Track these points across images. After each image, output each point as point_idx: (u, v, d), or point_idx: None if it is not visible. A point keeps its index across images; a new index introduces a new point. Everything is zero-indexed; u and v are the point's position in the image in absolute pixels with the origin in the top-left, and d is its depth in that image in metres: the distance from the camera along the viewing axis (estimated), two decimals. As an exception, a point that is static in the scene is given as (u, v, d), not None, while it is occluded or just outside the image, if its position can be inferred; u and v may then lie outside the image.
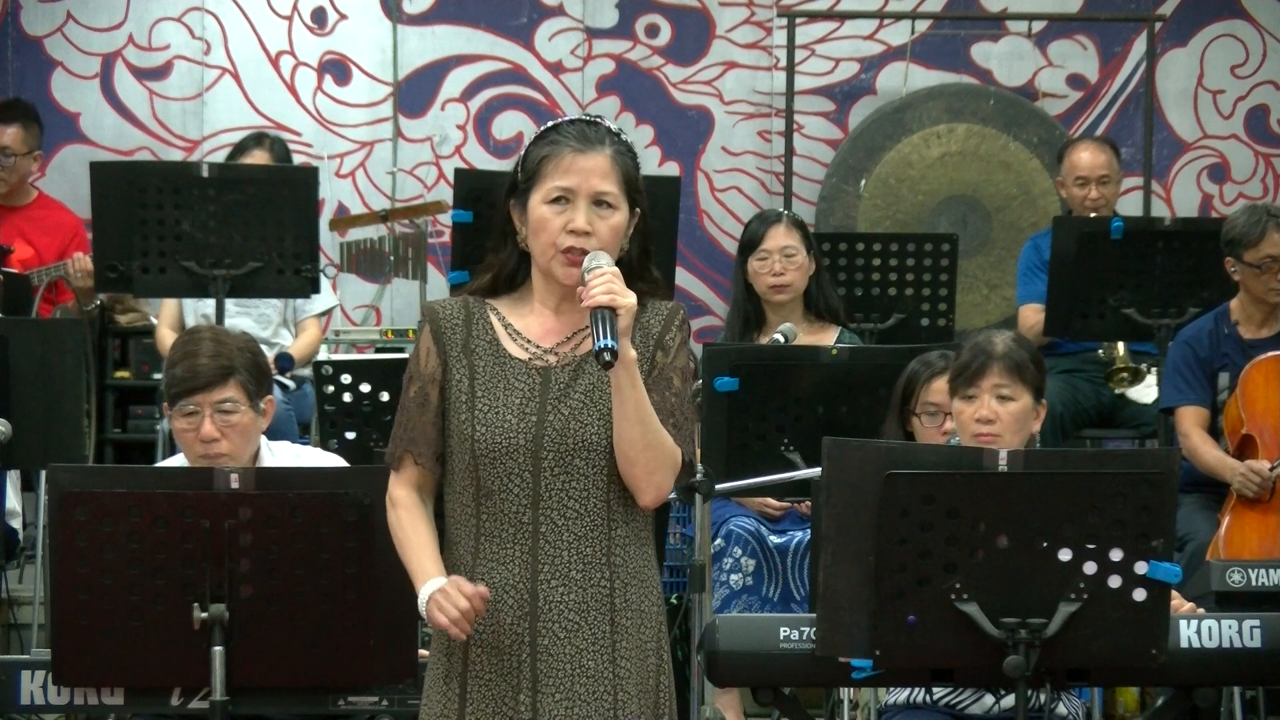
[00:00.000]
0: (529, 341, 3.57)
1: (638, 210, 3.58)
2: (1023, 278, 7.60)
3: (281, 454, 4.72)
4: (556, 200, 3.53)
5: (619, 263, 3.56)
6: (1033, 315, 7.21)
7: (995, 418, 4.58)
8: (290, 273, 6.41)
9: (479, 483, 3.52)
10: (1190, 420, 6.37)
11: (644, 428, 3.44)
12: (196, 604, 3.89)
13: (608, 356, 3.36)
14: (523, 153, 3.65)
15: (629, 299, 3.42)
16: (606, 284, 3.41)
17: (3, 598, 6.57)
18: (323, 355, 7.10)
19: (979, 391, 4.60)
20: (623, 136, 3.60)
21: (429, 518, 3.59)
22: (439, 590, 3.46)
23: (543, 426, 3.50)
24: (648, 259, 3.61)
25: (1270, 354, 6.25)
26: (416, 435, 3.55)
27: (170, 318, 7.25)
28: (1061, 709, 4.48)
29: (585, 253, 3.50)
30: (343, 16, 8.89)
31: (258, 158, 7.34)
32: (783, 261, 6.31)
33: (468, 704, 3.52)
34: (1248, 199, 8.67)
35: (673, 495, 3.70)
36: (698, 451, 3.65)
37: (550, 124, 3.63)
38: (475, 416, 3.51)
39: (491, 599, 3.50)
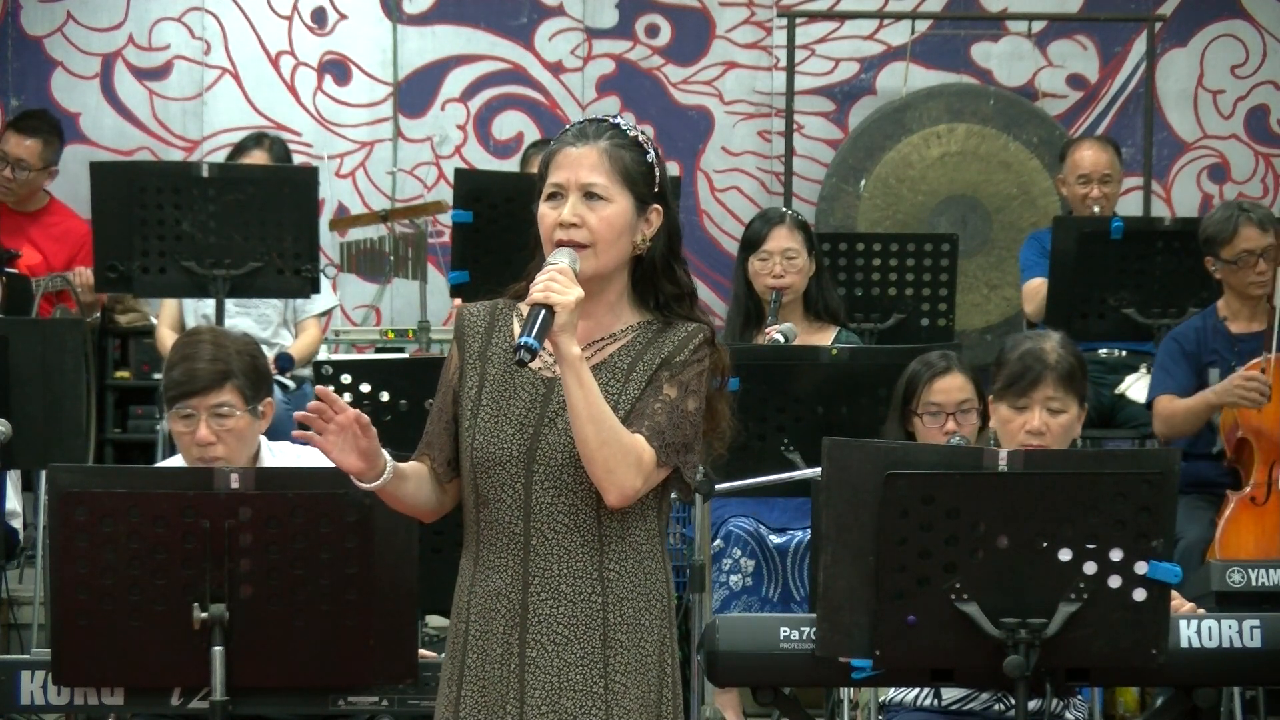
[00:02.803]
0: (543, 349, 3.56)
1: (656, 208, 3.56)
2: (1026, 263, 7.59)
3: (282, 454, 4.72)
4: (551, 197, 3.53)
5: (641, 261, 3.55)
6: (1041, 287, 7.16)
7: (1046, 430, 4.55)
8: (290, 273, 6.41)
9: (478, 491, 3.52)
10: (1164, 401, 6.35)
11: (597, 426, 3.41)
12: (196, 604, 3.89)
13: (524, 355, 3.36)
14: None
15: (567, 297, 3.38)
16: (546, 281, 3.40)
17: (3, 598, 6.57)
18: (323, 355, 7.11)
19: (1030, 403, 4.56)
20: (629, 132, 3.56)
21: (424, 476, 3.56)
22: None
23: (538, 439, 3.49)
24: (674, 260, 3.58)
25: (1265, 357, 6.25)
26: (432, 440, 3.58)
27: (170, 318, 7.25)
28: (1069, 715, 4.47)
29: (580, 244, 3.49)
30: (343, 16, 8.89)
31: (257, 158, 7.34)
32: (783, 263, 6.30)
33: (462, 708, 3.52)
34: (1248, 199, 8.67)
35: (672, 495, 3.67)
36: (698, 462, 3.60)
37: (566, 127, 3.62)
38: (476, 425, 3.52)
39: (485, 607, 3.51)
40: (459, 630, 3.55)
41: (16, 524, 6.17)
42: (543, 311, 3.38)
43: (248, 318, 7.14)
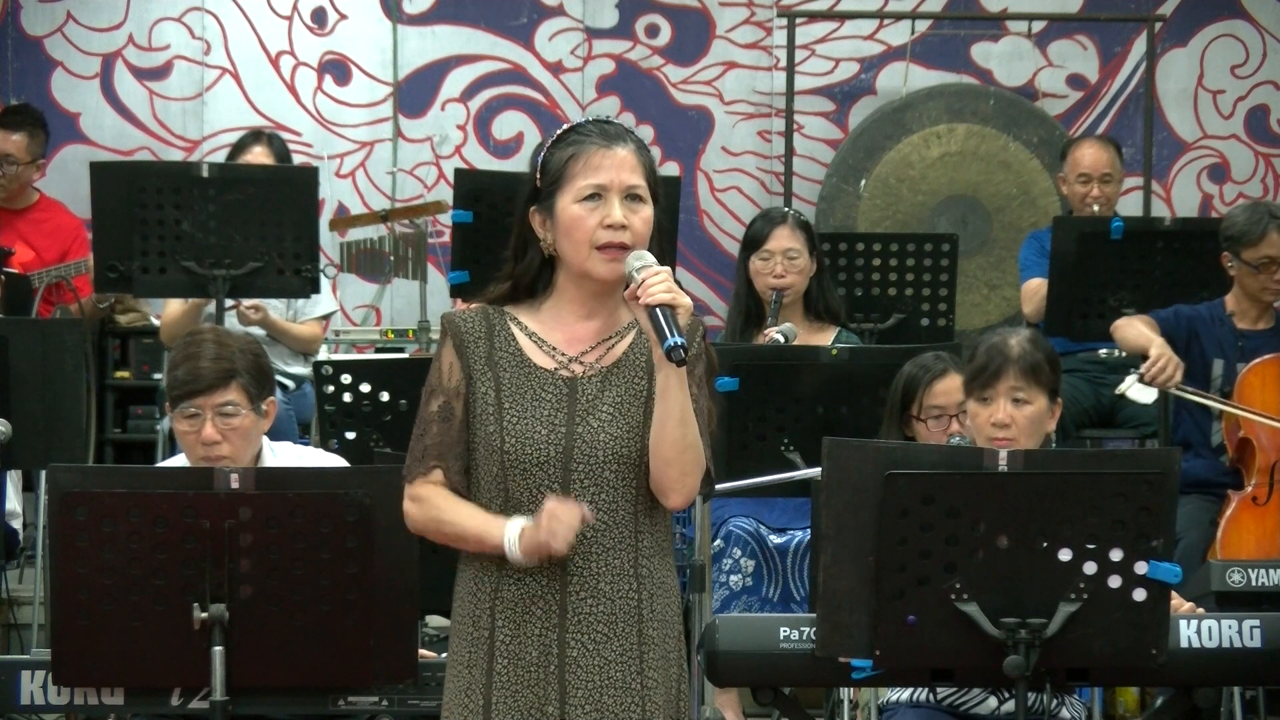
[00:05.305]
0: (554, 349, 3.55)
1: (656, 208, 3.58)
2: (1025, 263, 7.59)
3: (283, 454, 4.72)
4: (588, 198, 3.51)
5: None
6: (1040, 287, 7.17)
7: (1011, 422, 4.56)
8: (290, 273, 6.41)
9: (507, 494, 3.51)
10: (1142, 317, 6.41)
11: (685, 429, 3.45)
12: (196, 604, 3.89)
13: (682, 354, 3.36)
14: (540, 158, 3.58)
15: (687, 298, 3.43)
16: (666, 282, 3.41)
17: (3, 598, 6.57)
18: (323, 355, 7.10)
19: (995, 395, 4.58)
20: (635, 135, 3.60)
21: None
22: (541, 516, 3.42)
23: (572, 438, 3.49)
24: (666, 259, 3.58)
25: (1267, 357, 6.25)
26: (445, 450, 3.54)
27: (176, 301, 7.17)
28: (1065, 712, 4.48)
29: (624, 247, 3.48)
30: (343, 16, 8.89)
31: (258, 155, 7.34)
32: (785, 263, 6.30)
33: (492, 714, 3.50)
34: (1248, 199, 8.67)
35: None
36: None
37: (567, 127, 3.59)
38: (504, 428, 3.50)
39: (517, 610, 3.51)
40: (479, 638, 3.53)
41: (16, 524, 6.17)
42: (669, 310, 3.39)
43: (248, 318, 7.13)
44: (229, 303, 6.55)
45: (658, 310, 3.39)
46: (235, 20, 8.84)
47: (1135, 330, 6.36)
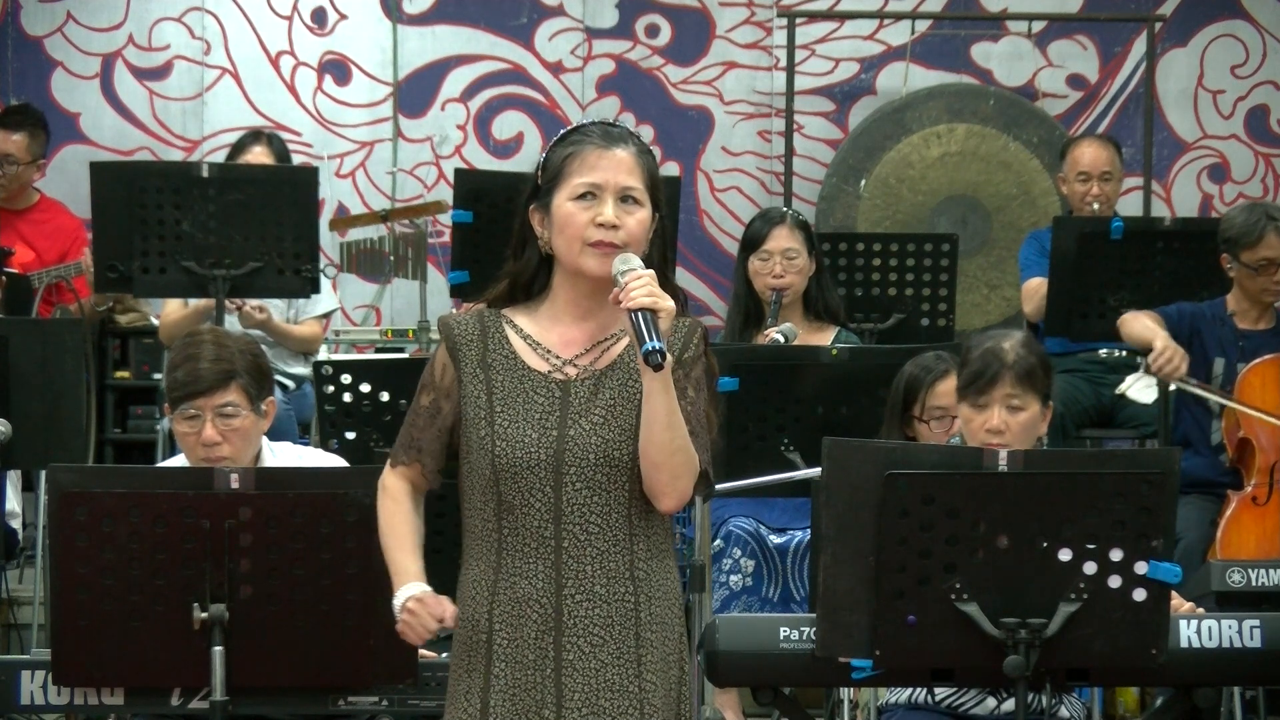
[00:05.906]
0: (548, 352, 3.56)
1: (656, 215, 3.57)
2: (1026, 262, 7.59)
3: (283, 454, 4.72)
4: (583, 196, 3.51)
5: None
6: (1040, 287, 7.17)
7: (1005, 428, 4.56)
8: (290, 273, 6.41)
9: (500, 497, 3.51)
10: (1147, 313, 6.42)
11: (673, 432, 3.44)
12: (196, 604, 3.89)
13: (659, 359, 3.35)
14: (543, 156, 3.60)
15: (669, 301, 3.41)
16: (648, 286, 3.40)
17: (3, 598, 6.57)
18: (323, 355, 7.10)
19: (990, 401, 4.57)
20: (642, 139, 3.60)
21: (417, 513, 3.60)
22: (415, 600, 3.50)
23: (564, 441, 3.49)
24: (666, 265, 3.58)
25: (1267, 357, 6.25)
26: (425, 445, 3.57)
27: (176, 302, 7.18)
28: (1064, 712, 4.48)
29: (614, 246, 3.49)
30: (343, 16, 8.89)
31: (258, 154, 7.34)
32: (784, 263, 6.30)
33: (490, 717, 3.50)
34: (1248, 199, 8.67)
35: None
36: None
37: (571, 127, 3.61)
38: (495, 431, 3.51)
39: (513, 614, 3.51)
40: (477, 641, 3.53)
41: (16, 524, 6.17)
42: (649, 315, 3.38)
43: (248, 318, 7.13)
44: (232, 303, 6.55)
45: (637, 314, 3.38)
46: (235, 20, 8.84)
47: (1140, 324, 6.36)
